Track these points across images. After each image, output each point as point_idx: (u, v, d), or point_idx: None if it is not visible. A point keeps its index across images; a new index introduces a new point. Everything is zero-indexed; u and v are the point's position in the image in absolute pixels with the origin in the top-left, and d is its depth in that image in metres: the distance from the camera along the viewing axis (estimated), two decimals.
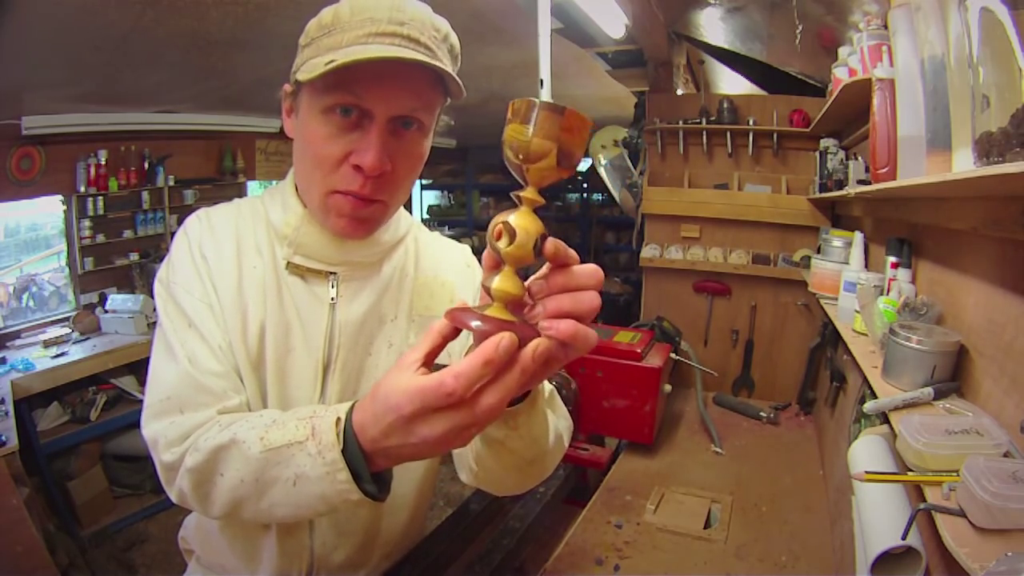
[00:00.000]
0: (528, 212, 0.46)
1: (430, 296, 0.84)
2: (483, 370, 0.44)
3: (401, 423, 0.48)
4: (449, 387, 0.44)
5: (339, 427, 0.54)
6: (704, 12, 2.30)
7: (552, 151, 0.45)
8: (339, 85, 0.63)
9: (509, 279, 0.46)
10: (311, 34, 0.67)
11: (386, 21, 0.63)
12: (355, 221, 0.70)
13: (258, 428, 0.60)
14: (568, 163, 0.46)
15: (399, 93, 0.65)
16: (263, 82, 2.98)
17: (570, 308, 0.46)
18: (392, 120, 0.66)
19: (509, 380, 0.45)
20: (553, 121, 0.44)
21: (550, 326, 0.45)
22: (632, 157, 2.92)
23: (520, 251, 0.45)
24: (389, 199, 0.71)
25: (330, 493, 0.55)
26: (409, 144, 0.69)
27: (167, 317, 0.71)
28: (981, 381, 0.84)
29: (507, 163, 0.47)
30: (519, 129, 0.45)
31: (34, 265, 3.49)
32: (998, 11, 0.61)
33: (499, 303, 0.47)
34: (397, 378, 0.48)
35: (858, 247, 1.53)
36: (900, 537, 0.78)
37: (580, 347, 0.46)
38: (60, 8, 1.88)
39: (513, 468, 0.65)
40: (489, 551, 1.25)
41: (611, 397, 1.85)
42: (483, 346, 0.44)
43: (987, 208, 0.79)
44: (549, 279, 0.47)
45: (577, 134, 0.45)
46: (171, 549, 2.55)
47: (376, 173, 0.65)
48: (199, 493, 0.63)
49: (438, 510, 2.81)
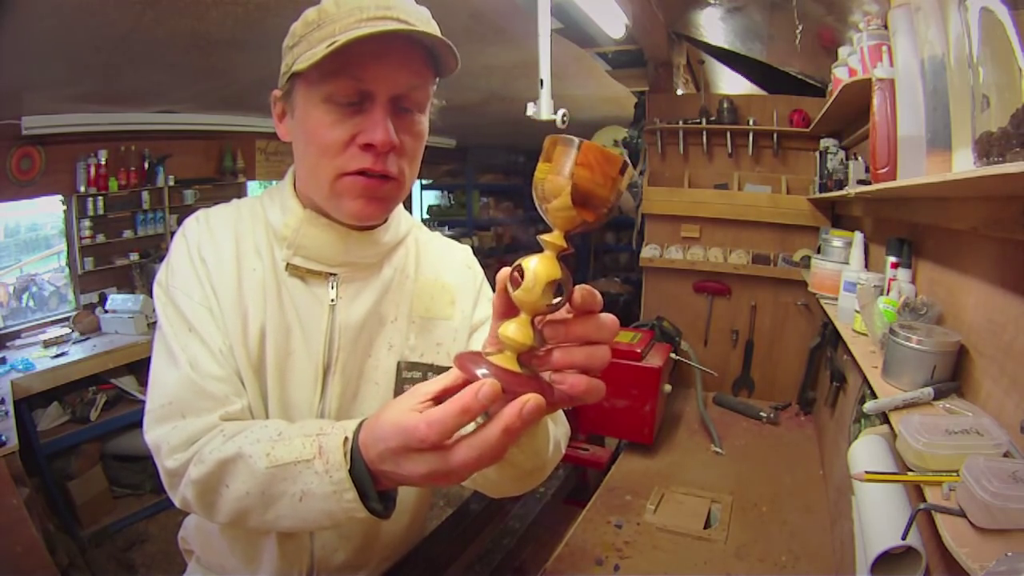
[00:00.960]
0: (548, 257, 0.43)
1: (430, 298, 0.84)
2: (458, 419, 0.43)
3: (389, 454, 0.49)
4: (421, 432, 0.44)
5: (346, 447, 0.54)
6: (704, 12, 2.30)
7: (565, 189, 0.41)
8: (339, 70, 0.63)
9: (520, 327, 0.44)
10: (298, 33, 0.68)
11: (373, 8, 0.65)
12: (371, 200, 0.70)
13: (264, 442, 0.60)
14: (590, 205, 0.42)
15: (398, 71, 0.66)
16: (263, 82, 2.95)
17: (582, 362, 0.45)
18: (392, 100, 0.66)
19: (489, 437, 0.44)
20: (566, 155, 0.41)
21: (561, 380, 0.44)
22: (632, 157, 2.91)
23: (527, 296, 0.43)
24: (401, 176, 0.71)
25: (336, 511, 0.55)
26: (410, 123, 0.70)
27: (167, 321, 0.71)
28: (981, 381, 0.84)
29: (536, 205, 0.44)
30: (540, 167, 0.43)
31: (34, 265, 3.49)
32: (998, 11, 0.60)
33: (509, 351, 0.45)
34: (396, 408, 0.49)
35: (858, 247, 1.53)
36: (900, 537, 0.78)
37: (589, 400, 0.46)
38: (60, 8, 1.87)
39: (512, 478, 0.66)
40: (489, 551, 1.25)
41: (611, 397, 1.85)
42: (462, 393, 0.43)
43: (987, 208, 0.79)
44: (568, 326, 0.45)
45: (598, 171, 0.41)
46: (171, 549, 2.54)
47: (388, 148, 0.66)
48: (204, 502, 0.63)
49: (438, 510, 2.81)
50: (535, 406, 0.43)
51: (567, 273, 0.43)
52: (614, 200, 0.43)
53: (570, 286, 0.44)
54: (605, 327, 0.45)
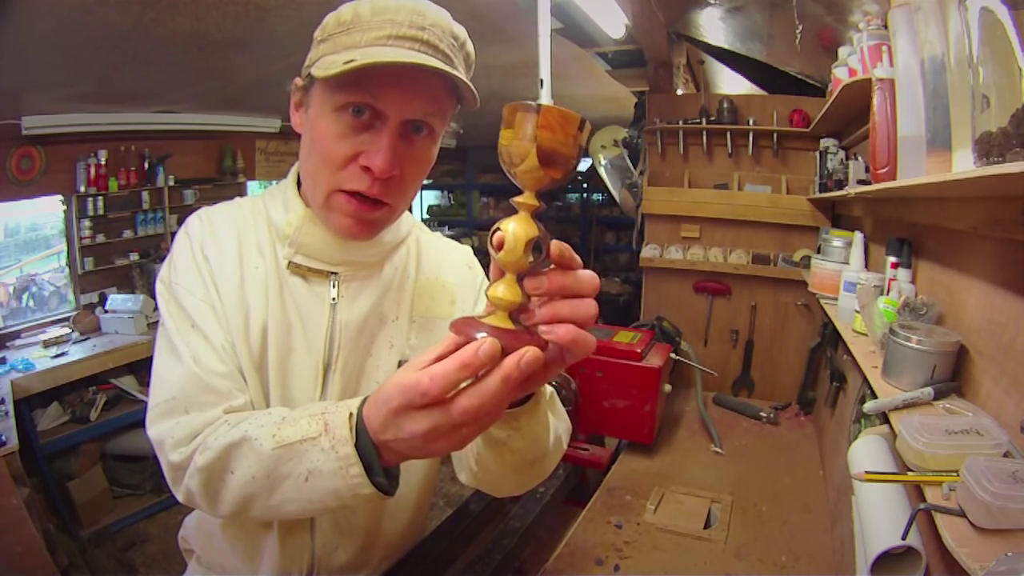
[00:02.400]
0: (523, 217, 0.45)
1: (431, 297, 0.84)
2: (459, 373, 0.44)
3: (391, 416, 0.49)
4: (424, 386, 0.45)
5: (352, 422, 0.54)
6: (704, 12, 2.30)
7: (531, 151, 0.43)
8: (355, 84, 0.63)
9: (508, 287, 0.46)
10: (328, 29, 0.67)
11: (407, 25, 0.63)
12: (360, 223, 0.70)
13: (269, 425, 0.60)
14: (555, 163, 0.44)
15: (414, 98, 0.65)
16: (263, 82, 2.98)
17: (568, 314, 0.46)
18: (404, 124, 0.66)
19: (489, 385, 0.45)
20: (527, 120, 0.43)
21: (549, 330, 0.45)
22: (632, 157, 2.92)
23: (509, 256, 0.45)
24: (395, 203, 0.71)
25: (342, 487, 0.55)
26: (418, 149, 0.69)
27: (170, 317, 0.71)
28: (981, 381, 0.84)
29: (504, 170, 0.47)
30: (503, 133, 0.45)
31: (34, 265, 3.49)
32: (998, 11, 0.60)
33: (501, 311, 0.47)
34: (397, 373, 0.49)
35: (858, 247, 1.53)
36: (900, 537, 0.78)
37: (579, 352, 0.47)
38: (60, 8, 1.87)
39: (513, 469, 0.66)
40: (489, 551, 1.25)
41: (611, 397, 1.85)
42: (462, 350, 0.45)
43: (987, 208, 0.79)
44: (549, 276, 0.46)
45: (559, 131, 0.43)
46: (171, 549, 2.55)
47: (386, 176, 0.65)
48: (208, 491, 0.63)
49: (438, 510, 2.81)
50: (533, 357, 0.44)
51: (544, 230, 0.45)
52: (577, 156, 0.46)
53: (548, 242, 0.45)
54: (584, 281, 0.47)
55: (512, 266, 0.45)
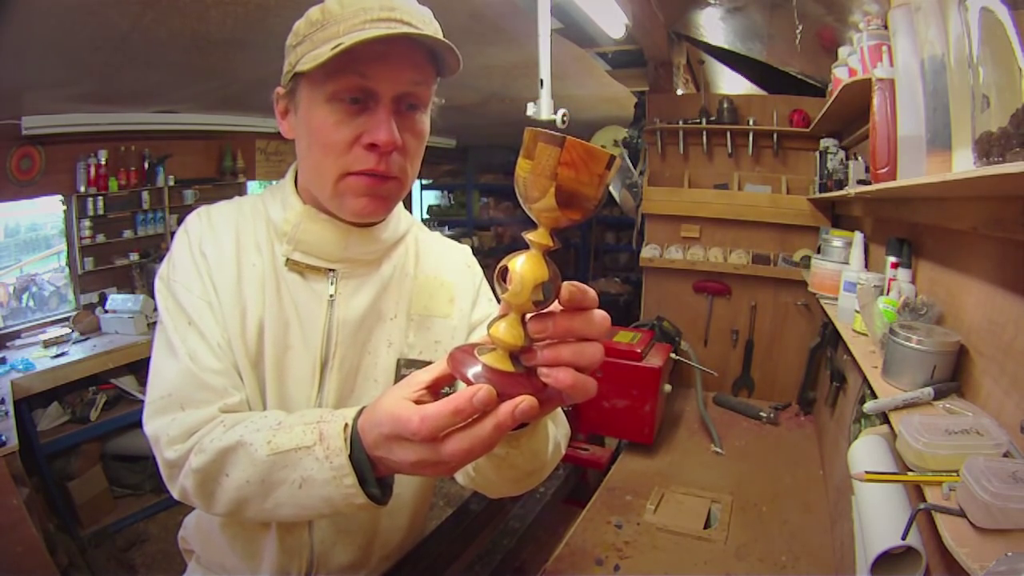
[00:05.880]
0: (534, 256, 0.42)
1: (429, 296, 0.84)
2: (451, 418, 0.45)
3: (382, 440, 0.50)
4: (414, 426, 0.46)
5: (347, 432, 0.55)
6: (704, 12, 2.30)
7: (549, 190, 0.39)
8: (344, 69, 0.64)
9: (510, 327, 0.44)
10: (302, 32, 0.68)
11: (377, 9, 0.65)
12: (375, 199, 0.71)
13: (264, 431, 0.60)
14: (575, 205, 0.40)
15: (403, 70, 0.66)
16: (263, 82, 2.95)
17: (570, 359, 0.44)
18: (396, 100, 0.67)
19: (481, 432, 0.45)
20: (548, 153, 0.38)
21: (548, 373, 0.44)
22: (632, 157, 2.92)
23: (515, 298, 0.42)
24: (403, 176, 0.72)
25: (335, 496, 0.56)
26: (413, 122, 0.71)
27: (168, 314, 0.72)
28: (981, 381, 0.84)
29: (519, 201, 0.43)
30: (520, 163, 0.41)
31: (34, 265, 3.49)
32: (998, 11, 0.60)
33: (500, 350, 0.45)
34: (392, 395, 0.50)
35: (858, 247, 1.53)
36: (900, 537, 0.78)
37: (577, 397, 0.46)
38: (60, 8, 1.87)
39: (512, 480, 0.66)
40: (489, 551, 1.25)
41: (611, 397, 1.85)
42: (457, 395, 0.44)
43: (987, 208, 0.79)
44: (554, 321, 0.44)
45: (583, 170, 0.38)
46: (171, 549, 2.54)
47: (391, 148, 0.67)
48: (203, 492, 0.64)
49: (438, 510, 2.81)
50: (528, 407, 0.44)
51: (555, 271, 0.42)
52: (601, 197, 0.41)
53: (558, 283, 0.43)
54: (595, 323, 0.45)
55: (517, 308, 0.43)
